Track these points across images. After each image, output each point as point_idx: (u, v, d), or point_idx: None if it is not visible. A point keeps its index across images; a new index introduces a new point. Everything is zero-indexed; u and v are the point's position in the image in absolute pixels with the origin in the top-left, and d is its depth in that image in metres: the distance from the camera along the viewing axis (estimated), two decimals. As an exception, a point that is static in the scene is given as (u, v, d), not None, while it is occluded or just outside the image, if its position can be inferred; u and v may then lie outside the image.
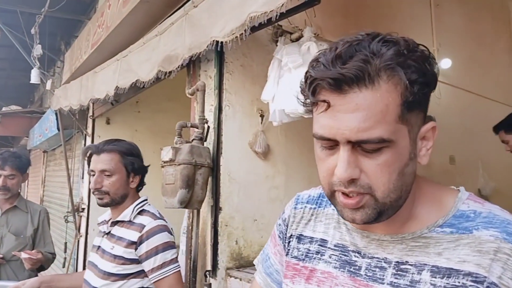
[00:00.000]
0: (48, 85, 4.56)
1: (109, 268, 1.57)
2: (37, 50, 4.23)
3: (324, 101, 0.62)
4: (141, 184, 1.81)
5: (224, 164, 2.28)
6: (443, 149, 3.86)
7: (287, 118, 1.99)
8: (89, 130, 4.59)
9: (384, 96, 0.60)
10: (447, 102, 3.87)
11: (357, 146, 0.61)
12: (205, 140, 2.29)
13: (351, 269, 0.72)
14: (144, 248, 1.56)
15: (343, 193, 0.64)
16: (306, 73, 0.66)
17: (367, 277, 0.70)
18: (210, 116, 2.32)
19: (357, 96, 0.60)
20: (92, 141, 4.53)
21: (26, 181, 9.69)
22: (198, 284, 2.28)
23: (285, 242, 0.87)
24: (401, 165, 0.63)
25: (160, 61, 2.33)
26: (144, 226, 1.60)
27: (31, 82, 4.54)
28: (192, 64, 2.47)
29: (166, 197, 2.17)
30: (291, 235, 0.85)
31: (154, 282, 1.56)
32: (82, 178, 4.64)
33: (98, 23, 3.48)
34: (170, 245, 1.60)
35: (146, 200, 1.75)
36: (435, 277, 0.63)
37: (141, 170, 1.78)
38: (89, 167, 1.73)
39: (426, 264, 0.65)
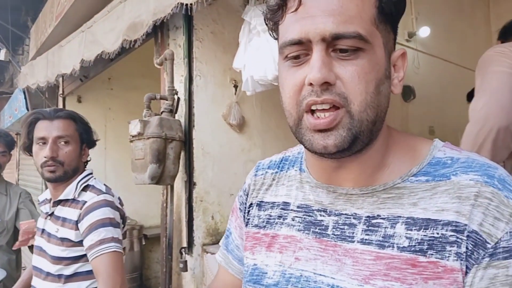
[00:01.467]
0: (1, 55, 4.32)
1: (58, 252, 1.40)
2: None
3: None
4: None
5: (197, 137, 2.18)
6: (422, 120, 3.84)
7: (260, 87, 1.89)
8: (60, 109, 4.41)
9: None
10: (425, 72, 3.83)
11: (331, 49, 0.55)
12: (176, 112, 2.18)
13: (317, 230, 0.65)
14: (83, 225, 1.38)
15: (313, 114, 0.56)
16: None
17: (334, 236, 0.63)
18: (180, 87, 2.21)
19: None
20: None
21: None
22: (174, 262, 2.21)
23: (245, 213, 0.79)
24: (377, 77, 0.56)
25: (124, 30, 2.19)
26: (85, 202, 1.42)
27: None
28: (160, 32, 2.34)
29: (136, 173, 2.06)
30: (251, 203, 0.78)
31: (91, 261, 1.35)
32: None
33: (61, -8, 3.28)
34: (112, 222, 1.40)
35: (91, 174, 1.56)
36: (411, 230, 0.57)
37: (92, 143, 1.60)
38: (29, 137, 1.49)
39: (400, 216, 0.58)
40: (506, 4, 4.68)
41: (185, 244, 2.16)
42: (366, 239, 0.60)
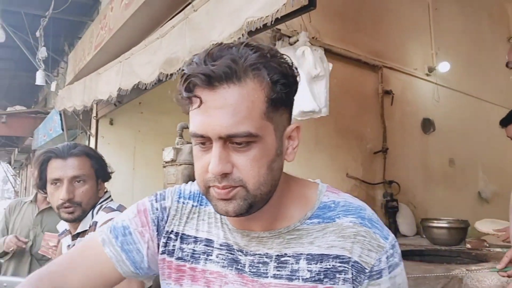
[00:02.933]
0: (53, 87, 4.63)
1: None
2: (42, 52, 4.30)
3: (196, 96, 0.66)
4: None
5: (223, 165, 2.32)
6: (442, 152, 3.89)
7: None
8: (93, 131, 4.65)
9: (250, 93, 0.65)
10: (446, 105, 3.90)
11: (228, 142, 0.66)
12: (205, 141, 2.33)
13: (238, 267, 0.76)
14: None
15: (217, 187, 0.68)
16: (181, 72, 0.70)
17: (251, 273, 0.74)
18: (210, 117, 2.37)
19: (226, 92, 0.64)
20: (96, 142, 4.59)
21: (31, 180, 9.74)
22: None
23: (161, 235, 0.81)
24: (268, 160, 0.68)
25: (161, 64, 2.38)
26: (97, 223, 1.39)
27: (36, 83, 4.60)
28: (193, 67, 2.52)
29: (166, 196, 2.22)
30: (172, 230, 0.82)
31: None
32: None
33: (101, 25, 3.54)
34: None
35: (107, 198, 1.51)
36: (311, 264, 0.71)
37: (108, 177, 1.55)
38: (42, 176, 1.43)
39: (302, 254, 0.72)
40: (527, 38, 4.74)
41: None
42: (277, 274, 0.73)
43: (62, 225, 1.53)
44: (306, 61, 2.14)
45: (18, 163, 12.90)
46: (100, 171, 1.49)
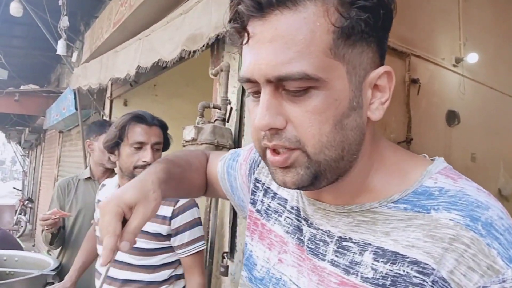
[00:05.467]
0: (74, 57, 4.57)
1: (143, 245, 1.52)
2: (64, 21, 4.21)
3: (242, 28, 0.51)
4: None
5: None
6: (465, 146, 3.79)
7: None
8: (107, 111, 4.60)
9: (309, 19, 0.48)
10: (471, 98, 3.79)
11: (281, 88, 0.51)
12: (228, 122, 2.26)
13: (301, 237, 0.63)
14: (177, 222, 1.55)
15: (272, 149, 0.54)
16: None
17: (308, 249, 0.61)
18: (233, 97, 2.29)
19: (277, 20, 0.49)
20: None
21: (41, 160, 9.77)
22: (215, 266, 2.27)
23: (250, 176, 0.78)
24: (337, 114, 0.51)
25: (184, 40, 2.30)
26: (178, 200, 1.57)
27: (57, 53, 4.54)
28: (216, 45, 2.43)
29: (186, 177, 2.15)
30: (260, 180, 0.75)
31: (184, 257, 1.58)
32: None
33: (121, 1, 3.46)
34: (198, 222, 1.61)
35: None
36: (378, 261, 0.53)
37: (166, 149, 1.75)
38: (122, 137, 1.55)
39: (370, 244, 0.55)
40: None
41: (227, 249, 2.22)
42: (335, 261, 0.57)
43: None
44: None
45: (28, 143, 12.95)
46: (166, 144, 1.70)
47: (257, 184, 0.76)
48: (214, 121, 2.20)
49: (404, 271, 0.50)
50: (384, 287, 0.51)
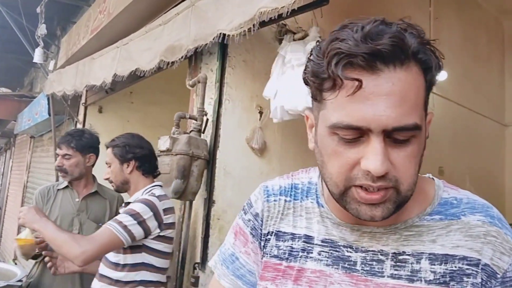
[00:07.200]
0: (51, 66, 4.49)
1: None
2: (42, 29, 4.15)
3: (356, 79, 0.55)
4: (149, 170, 1.94)
5: (220, 158, 2.28)
6: (432, 160, 3.91)
7: (288, 116, 2.00)
8: (81, 117, 4.53)
9: (416, 78, 0.58)
10: (439, 114, 3.93)
11: (386, 136, 0.57)
12: (203, 132, 2.28)
13: (346, 265, 0.68)
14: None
15: (364, 188, 0.59)
16: (326, 49, 0.58)
17: (364, 271, 0.67)
18: (209, 109, 2.32)
19: (393, 76, 0.55)
20: (83, 129, 4.48)
21: (10, 166, 9.43)
22: (186, 277, 2.27)
23: (260, 240, 0.78)
24: (420, 154, 0.61)
25: (162, 51, 2.32)
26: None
27: (34, 61, 4.46)
28: (194, 56, 2.47)
29: (160, 186, 2.15)
30: (269, 231, 0.77)
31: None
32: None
33: (100, 9, 3.45)
34: (134, 214, 1.69)
35: (158, 185, 1.91)
36: (434, 264, 0.64)
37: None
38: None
39: (423, 253, 0.65)
40: (520, 55, 4.83)
41: (198, 260, 2.23)
42: (395, 274, 0.65)
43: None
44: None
45: (-3, 148, 12.52)
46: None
47: (268, 237, 0.77)
48: (190, 131, 2.22)
49: (456, 266, 0.63)
50: (445, 283, 0.63)
